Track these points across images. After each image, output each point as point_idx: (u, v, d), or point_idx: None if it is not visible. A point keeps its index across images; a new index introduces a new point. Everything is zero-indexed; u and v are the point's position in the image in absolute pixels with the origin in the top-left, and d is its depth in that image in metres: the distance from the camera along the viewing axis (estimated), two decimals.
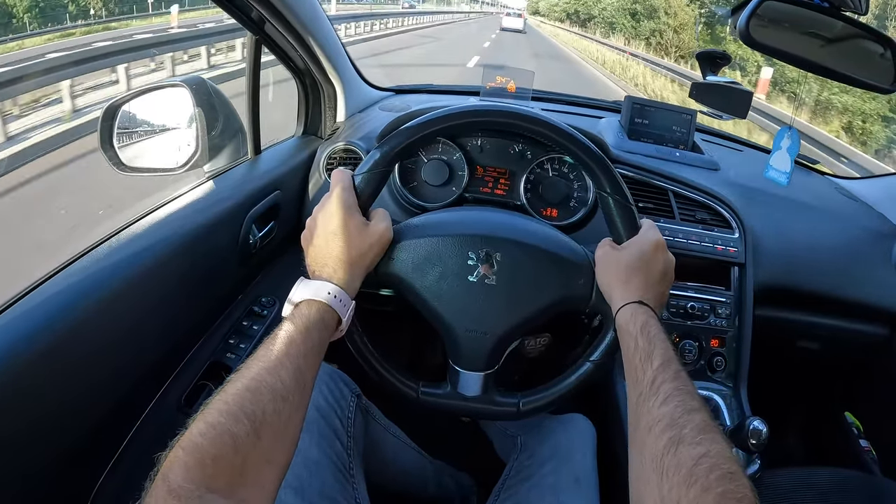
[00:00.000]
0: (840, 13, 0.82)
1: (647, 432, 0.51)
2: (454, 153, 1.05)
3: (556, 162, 1.05)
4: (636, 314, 0.64)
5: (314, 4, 1.03)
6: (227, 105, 1.02)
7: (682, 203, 1.06)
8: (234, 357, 0.90)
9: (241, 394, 0.48)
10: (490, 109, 0.74)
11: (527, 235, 0.75)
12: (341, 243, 0.65)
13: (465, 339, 0.73)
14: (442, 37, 20.98)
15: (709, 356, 1.01)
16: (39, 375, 0.59)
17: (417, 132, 0.73)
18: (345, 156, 1.09)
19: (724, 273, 1.04)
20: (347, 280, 0.64)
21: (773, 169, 1.00)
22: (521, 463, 0.88)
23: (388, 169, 0.72)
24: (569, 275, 0.74)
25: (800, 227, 1.14)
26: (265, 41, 1.00)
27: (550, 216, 1.05)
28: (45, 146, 3.66)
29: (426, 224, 0.75)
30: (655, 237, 0.71)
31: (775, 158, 1.00)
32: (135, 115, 0.96)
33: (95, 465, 0.73)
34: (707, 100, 1.06)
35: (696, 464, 0.45)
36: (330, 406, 0.81)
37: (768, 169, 1.00)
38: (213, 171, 0.99)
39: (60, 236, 2.44)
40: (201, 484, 0.42)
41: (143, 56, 6.15)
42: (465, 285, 0.72)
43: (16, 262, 2.10)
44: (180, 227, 0.83)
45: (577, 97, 1.48)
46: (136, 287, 0.73)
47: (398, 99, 1.36)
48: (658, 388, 0.55)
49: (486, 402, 0.76)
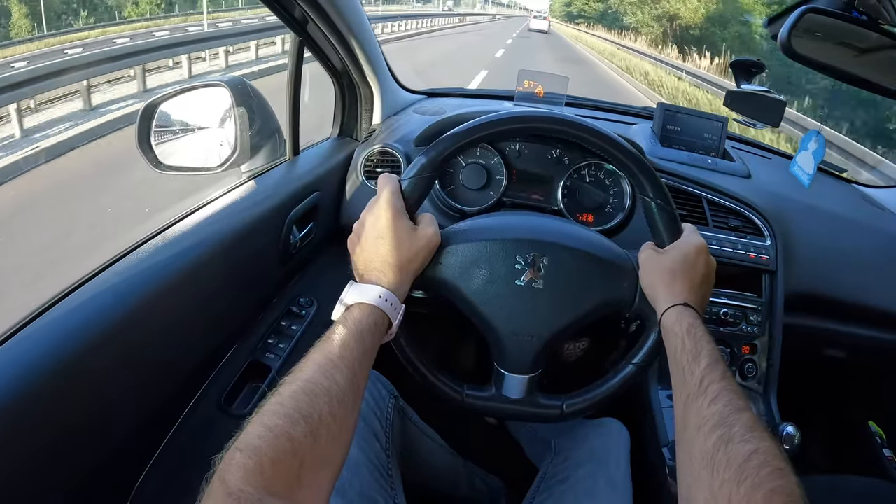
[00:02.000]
0: (878, 25, 0.82)
1: (696, 431, 0.52)
2: (492, 157, 1.06)
3: (594, 168, 1.05)
4: (682, 316, 0.65)
5: (357, 6, 1.03)
6: (265, 106, 1.03)
7: (715, 210, 1.07)
8: (273, 357, 0.90)
9: (297, 396, 0.49)
10: (535, 115, 0.75)
11: (572, 240, 0.75)
12: (390, 247, 0.65)
13: (510, 342, 0.74)
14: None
15: (740, 362, 1.01)
16: (84, 373, 0.60)
17: (464, 138, 0.73)
18: (382, 158, 1.10)
19: (755, 280, 1.04)
20: (397, 284, 0.64)
21: (797, 165, 1.00)
22: (555, 466, 0.88)
23: (435, 174, 0.73)
24: (613, 278, 0.74)
25: (828, 235, 1.14)
26: (307, 42, 1.00)
27: (587, 221, 1.05)
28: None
29: (473, 228, 0.76)
30: (698, 241, 0.72)
31: (801, 157, 1.00)
32: (174, 114, 0.97)
33: (137, 463, 0.74)
34: (741, 108, 1.06)
35: (746, 460, 0.46)
36: (370, 407, 0.82)
37: (794, 164, 1.00)
38: (251, 171, 1.00)
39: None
40: (260, 486, 0.42)
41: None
42: (512, 289, 0.72)
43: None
44: (222, 227, 0.83)
45: (608, 103, 1.48)
46: (179, 287, 0.74)
47: (431, 102, 1.37)
48: (706, 388, 0.55)
49: (531, 405, 0.76)
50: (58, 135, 4.41)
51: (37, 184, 3.72)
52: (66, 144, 4.31)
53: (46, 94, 4.77)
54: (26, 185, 3.67)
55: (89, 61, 5.18)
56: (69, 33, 8.18)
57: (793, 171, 0.99)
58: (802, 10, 0.81)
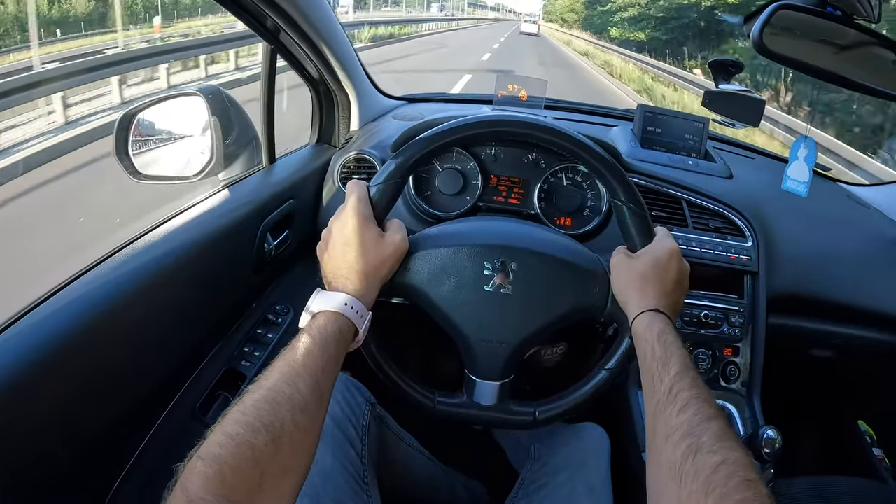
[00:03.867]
0: (853, 21, 0.82)
1: (664, 441, 0.51)
2: (468, 162, 1.05)
3: (570, 171, 1.05)
4: (652, 322, 0.64)
5: (328, 13, 1.03)
6: (242, 114, 1.03)
7: (695, 211, 1.06)
8: (248, 365, 0.90)
9: (259, 404, 0.49)
10: (504, 119, 0.74)
11: (542, 245, 0.75)
12: (356, 254, 0.65)
13: (480, 348, 0.73)
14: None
15: (722, 365, 1.00)
16: (56, 381, 0.60)
17: (430, 143, 0.73)
18: (358, 165, 1.10)
19: (737, 281, 1.03)
20: (364, 290, 0.64)
21: (791, 179, 0.98)
22: (534, 472, 0.87)
23: (404, 180, 0.73)
24: (584, 283, 0.74)
25: (813, 234, 1.14)
26: (280, 50, 1.00)
27: (564, 225, 1.05)
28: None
29: (441, 234, 0.75)
30: (670, 245, 0.71)
31: (793, 169, 0.98)
32: (150, 124, 0.97)
33: (110, 471, 0.74)
34: (720, 108, 1.06)
35: (713, 471, 0.45)
36: (345, 414, 0.81)
37: (786, 180, 0.98)
38: (228, 180, 1.00)
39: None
40: (220, 495, 0.42)
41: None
42: (480, 295, 0.72)
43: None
44: (196, 234, 0.83)
45: (589, 105, 1.47)
46: (153, 294, 0.74)
47: (411, 108, 1.37)
48: (675, 397, 0.54)
49: (503, 412, 0.76)
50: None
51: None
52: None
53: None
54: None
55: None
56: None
57: (786, 188, 0.97)
58: (775, 6, 0.80)
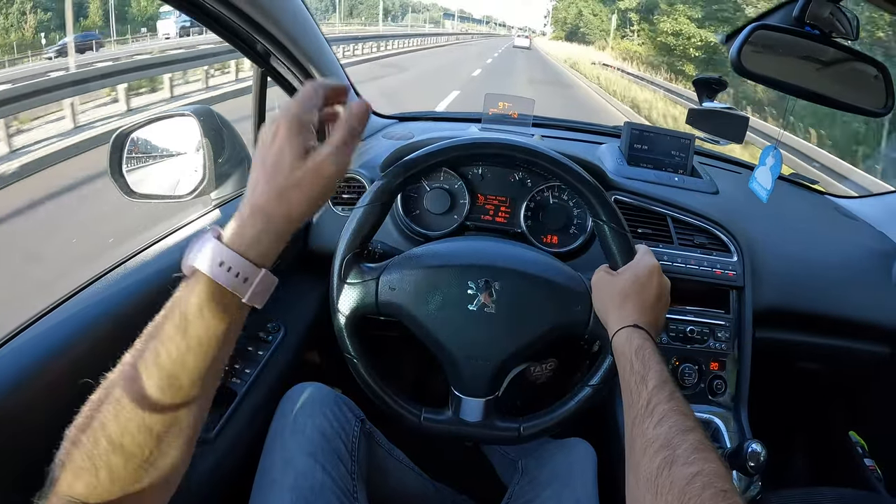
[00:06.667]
0: (832, 40, 0.84)
1: (641, 453, 0.52)
2: (456, 182, 1.07)
3: (556, 189, 1.07)
4: (631, 338, 0.65)
5: (316, 35, 1.05)
6: (234, 135, 1.04)
7: (680, 228, 1.07)
8: (238, 382, 0.90)
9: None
10: (486, 142, 0.77)
11: (524, 264, 0.76)
12: (271, 163, 0.50)
13: (466, 366, 0.75)
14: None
15: (709, 379, 1.01)
16: (50, 393, 0.60)
17: (416, 165, 0.75)
18: (347, 184, 1.11)
19: (723, 297, 1.04)
20: (263, 225, 0.49)
21: (756, 181, 1.00)
22: (521, 487, 0.88)
23: (391, 201, 0.75)
24: (566, 301, 0.75)
25: (799, 248, 1.15)
26: (270, 72, 1.02)
27: (551, 243, 1.06)
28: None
29: (426, 254, 0.77)
30: (650, 262, 0.73)
31: (759, 172, 1.00)
32: (144, 143, 0.99)
33: None
34: (704, 125, 1.08)
35: (688, 483, 0.46)
36: (334, 430, 0.82)
37: (752, 180, 1.01)
38: (219, 199, 1.01)
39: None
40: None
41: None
42: (465, 314, 0.74)
43: None
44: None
45: (577, 123, 1.49)
46: (143, 313, 0.74)
47: (401, 126, 1.38)
48: (653, 410, 0.56)
49: (488, 428, 0.77)
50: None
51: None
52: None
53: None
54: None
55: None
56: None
57: (751, 188, 0.99)
58: (753, 26, 0.82)
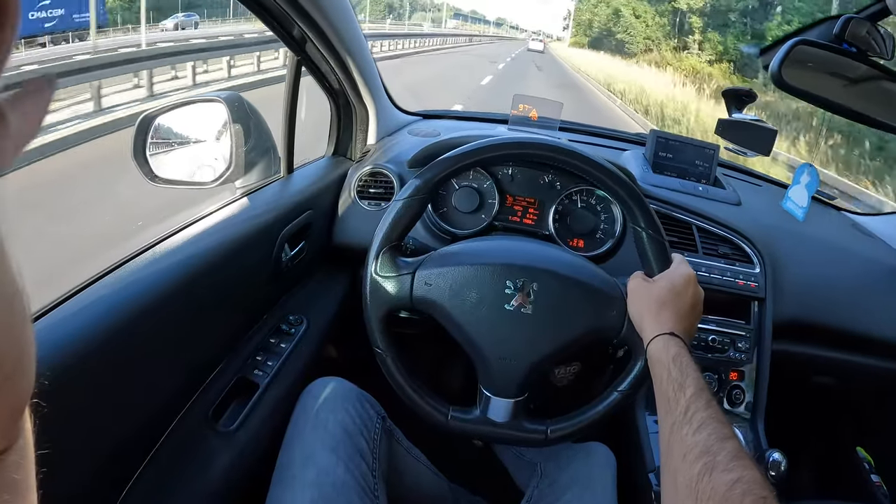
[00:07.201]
0: (867, 57, 0.84)
1: (680, 459, 0.52)
2: (485, 181, 1.07)
3: (585, 193, 1.06)
4: (668, 345, 0.65)
5: (355, 26, 1.05)
6: (261, 123, 1.03)
7: (705, 237, 1.08)
8: (260, 374, 0.90)
9: None
10: (532, 142, 0.76)
11: (562, 266, 0.76)
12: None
13: (498, 366, 0.74)
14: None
15: (728, 389, 1.01)
16: (68, 387, 0.58)
17: (459, 161, 0.75)
18: (375, 179, 1.11)
19: (744, 307, 1.05)
20: None
21: (790, 201, 1.01)
22: (541, 490, 0.88)
23: (429, 196, 0.74)
24: (601, 306, 0.75)
25: (818, 262, 1.15)
26: (305, 61, 1.01)
27: (577, 247, 1.06)
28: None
29: (464, 252, 0.77)
30: (687, 271, 0.73)
31: (794, 192, 1.01)
32: (169, 128, 0.97)
33: (122, 476, 0.73)
34: (733, 136, 1.08)
35: (729, 489, 0.46)
36: (357, 427, 0.82)
37: (786, 200, 1.02)
38: (245, 188, 1.00)
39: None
40: None
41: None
42: (501, 314, 0.73)
43: None
44: (214, 242, 0.83)
45: (601, 129, 1.49)
46: (168, 301, 0.73)
47: (426, 124, 1.38)
48: (691, 417, 0.56)
49: (515, 429, 0.77)
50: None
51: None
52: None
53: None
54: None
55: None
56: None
57: (786, 207, 1.00)
58: (794, 41, 0.83)
